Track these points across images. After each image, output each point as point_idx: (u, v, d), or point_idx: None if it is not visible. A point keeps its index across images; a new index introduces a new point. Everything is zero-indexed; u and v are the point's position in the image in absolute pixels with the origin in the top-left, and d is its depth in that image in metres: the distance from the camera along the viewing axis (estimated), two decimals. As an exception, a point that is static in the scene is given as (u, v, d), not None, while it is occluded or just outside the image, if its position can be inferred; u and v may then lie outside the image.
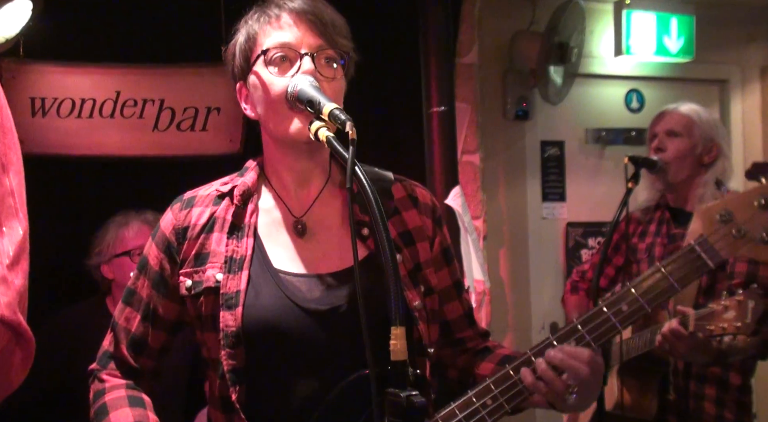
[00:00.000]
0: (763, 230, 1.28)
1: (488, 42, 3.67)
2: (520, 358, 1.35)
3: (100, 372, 1.46)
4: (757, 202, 1.28)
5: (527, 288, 3.81)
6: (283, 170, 1.41)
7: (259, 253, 1.36)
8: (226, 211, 1.39)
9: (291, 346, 1.30)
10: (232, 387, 1.29)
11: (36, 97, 3.06)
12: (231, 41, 1.43)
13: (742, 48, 4.22)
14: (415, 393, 0.99)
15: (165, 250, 1.41)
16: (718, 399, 2.46)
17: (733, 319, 2.02)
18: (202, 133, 3.19)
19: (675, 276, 1.29)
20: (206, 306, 1.34)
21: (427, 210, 1.47)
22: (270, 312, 1.30)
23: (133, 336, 1.44)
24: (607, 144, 3.98)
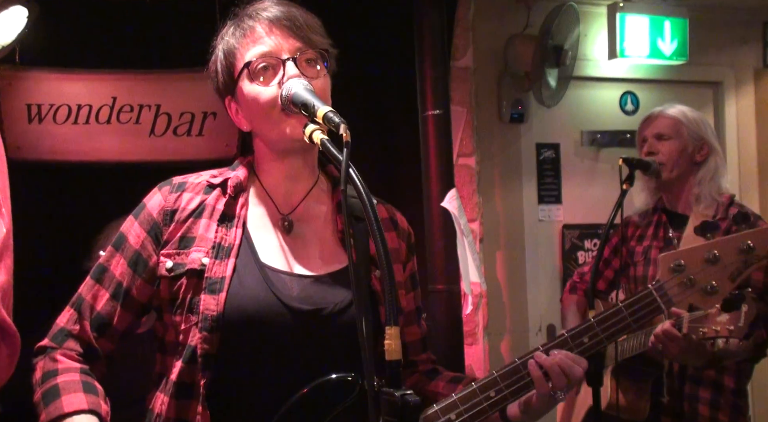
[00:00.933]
0: (707, 282, 1.42)
1: (483, 45, 3.69)
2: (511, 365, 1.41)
3: (53, 351, 1.39)
4: (706, 256, 1.43)
5: (524, 291, 3.82)
6: (274, 169, 1.43)
7: (247, 245, 1.37)
8: (217, 200, 1.41)
9: (268, 340, 1.30)
10: (201, 373, 1.29)
11: (32, 103, 3.07)
12: (211, 59, 1.44)
13: (735, 50, 4.24)
14: (409, 392, 1.01)
15: (150, 230, 1.39)
16: (712, 401, 2.47)
17: (726, 322, 2.03)
18: (198, 138, 3.20)
19: (633, 316, 1.42)
20: (186, 288, 1.33)
21: (404, 235, 1.53)
22: (253, 302, 1.31)
23: (99, 315, 1.39)
24: (602, 146, 4.00)
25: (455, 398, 1.36)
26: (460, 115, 3.51)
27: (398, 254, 1.49)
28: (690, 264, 1.43)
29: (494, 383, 1.37)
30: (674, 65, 4.02)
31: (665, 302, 1.41)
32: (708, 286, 1.42)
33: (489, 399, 1.36)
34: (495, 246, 3.76)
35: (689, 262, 1.43)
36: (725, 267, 1.42)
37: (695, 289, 1.42)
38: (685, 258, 1.43)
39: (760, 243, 1.42)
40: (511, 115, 3.78)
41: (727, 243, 1.44)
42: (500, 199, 3.79)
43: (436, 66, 3.12)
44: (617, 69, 4.01)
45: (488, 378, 1.38)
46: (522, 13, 3.73)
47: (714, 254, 1.42)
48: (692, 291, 1.43)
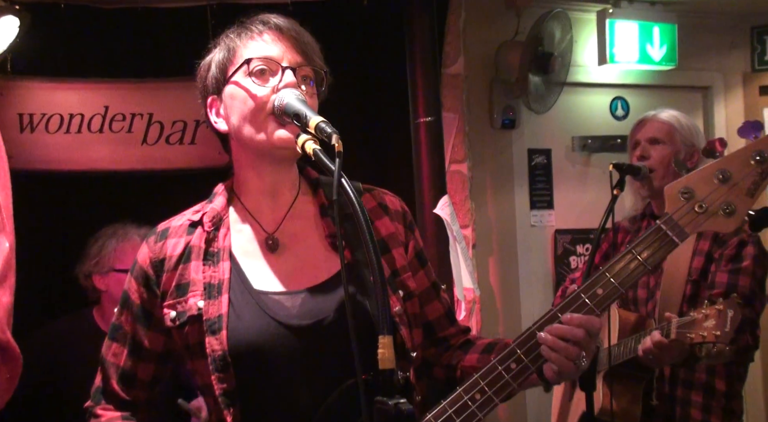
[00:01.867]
0: (723, 204, 1.30)
1: (474, 52, 3.71)
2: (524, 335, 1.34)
3: (94, 408, 1.47)
4: (716, 177, 1.31)
5: (517, 296, 3.83)
6: (254, 186, 1.42)
7: (237, 275, 1.37)
8: (200, 238, 1.41)
9: (279, 364, 1.31)
10: (226, 410, 1.30)
11: (24, 113, 3.07)
12: (206, 57, 1.45)
13: (723, 55, 4.28)
14: (402, 400, 1.01)
15: (144, 284, 1.42)
16: (704, 405, 2.48)
17: (712, 328, 2.04)
18: (190, 146, 3.21)
19: (645, 257, 1.31)
20: (192, 334, 1.35)
21: (398, 216, 1.49)
22: (253, 332, 1.31)
23: (123, 371, 1.45)
24: (593, 151, 4.02)
25: (476, 376, 1.32)
26: (452, 122, 3.52)
27: (396, 238, 1.46)
28: (699, 188, 1.31)
29: (512, 353, 1.31)
30: (664, 70, 4.05)
31: (677, 234, 1.30)
32: (725, 207, 1.29)
33: (510, 371, 1.31)
34: (488, 252, 3.77)
35: (698, 186, 1.31)
36: (739, 182, 1.30)
37: (709, 213, 1.30)
38: (692, 182, 1.31)
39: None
40: (503, 121, 3.79)
41: (737, 157, 1.31)
42: (492, 204, 3.81)
43: (427, 73, 3.13)
44: (607, 74, 4.03)
45: (507, 350, 1.33)
46: (512, 20, 3.75)
47: (724, 172, 1.29)
48: (706, 216, 1.30)
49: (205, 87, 1.43)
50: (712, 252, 2.45)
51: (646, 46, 3.95)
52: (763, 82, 4.29)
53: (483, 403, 1.30)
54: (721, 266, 2.41)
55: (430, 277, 1.53)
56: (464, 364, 1.47)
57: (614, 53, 3.90)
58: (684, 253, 2.48)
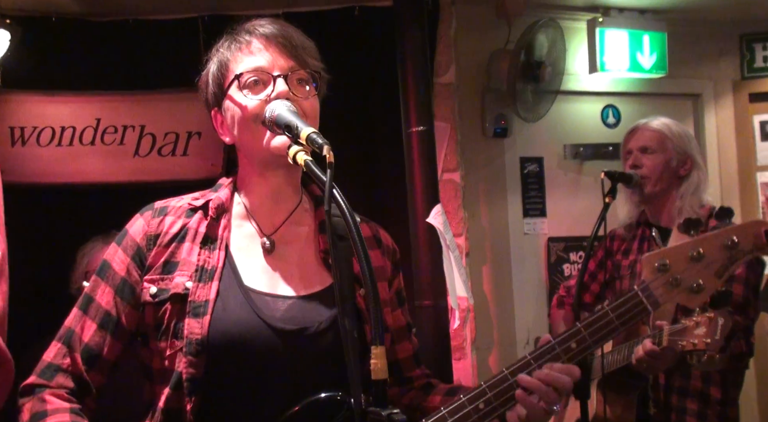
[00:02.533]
0: (693, 281, 1.38)
1: (465, 61, 3.72)
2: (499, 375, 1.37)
3: (42, 390, 1.35)
4: (690, 254, 1.39)
5: (511, 304, 3.83)
6: (257, 187, 1.44)
7: (230, 268, 1.37)
8: (199, 223, 1.41)
9: (254, 362, 1.30)
10: (187, 398, 1.28)
11: (15, 126, 3.07)
12: (204, 71, 1.46)
13: (713, 63, 4.30)
14: (396, 411, 1.01)
15: (134, 256, 1.39)
16: (700, 413, 2.48)
17: (703, 336, 2.05)
18: (183, 158, 3.20)
19: (621, 319, 1.38)
20: (170, 313, 1.33)
21: (389, 253, 1.53)
22: (237, 325, 1.31)
23: (88, 346, 1.36)
24: (585, 159, 4.03)
25: (444, 411, 1.33)
26: (444, 131, 3.53)
27: (383, 272, 1.49)
28: (674, 263, 1.40)
29: (483, 393, 1.34)
30: (654, 78, 4.08)
31: (651, 303, 1.38)
32: (694, 284, 1.38)
33: (478, 411, 1.33)
34: (481, 261, 3.77)
35: (674, 261, 1.40)
36: (710, 264, 1.39)
37: (681, 288, 1.39)
38: (669, 257, 1.40)
39: (743, 238, 1.39)
40: (495, 130, 3.80)
41: (711, 240, 1.40)
42: (485, 213, 3.81)
43: (419, 82, 3.13)
44: (598, 83, 4.05)
45: (477, 389, 1.35)
46: (504, 29, 3.77)
47: (698, 251, 1.39)
48: (678, 290, 1.38)
49: (207, 101, 1.45)
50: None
51: (637, 54, 3.97)
52: (753, 89, 4.32)
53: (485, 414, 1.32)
54: None
55: (405, 317, 1.55)
56: (428, 405, 1.48)
57: (605, 61, 3.92)
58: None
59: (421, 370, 1.58)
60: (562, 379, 1.32)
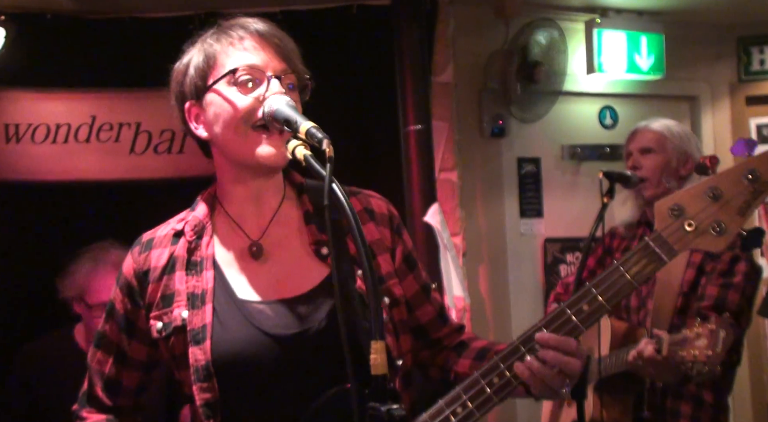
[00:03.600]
0: (714, 222, 1.27)
1: (463, 61, 3.71)
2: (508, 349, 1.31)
3: (79, 411, 1.49)
4: (707, 194, 1.28)
5: (507, 304, 3.83)
6: (238, 191, 1.40)
7: (221, 284, 1.35)
8: (184, 248, 1.39)
9: (263, 374, 1.29)
10: (206, 421, 1.29)
11: (10, 123, 3.05)
12: (181, 60, 1.41)
13: (710, 65, 4.31)
14: (395, 406, 1.00)
15: (128, 294, 1.41)
16: (693, 416, 2.48)
17: (704, 347, 2.03)
18: (179, 155, 3.19)
19: (632, 274, 1.27)
20: (177, 345, 1.34)
21: (384, 220, 1.46)
22: (238, 342, 1.30)
23: (107, 379, 1.46)
24: (583, 160, 4.03)
25: (459, 389, 1.29)
26: (442, 130, 3.53)
27: (382, 243, 1.43)
28: (690, 205, 1.27)
29: (496, 367, 1.28)
30: (651, 80, 4.08)
31: (666, 252, 1.26)
32: (716, 226, 1.26)
33: (492, 386, 1.27)
34: (478, 260, 3.77)
35: (689, 203, 1.27)
36: (730, 201, 1.26)
37: (699, 232, 1.26)
38: (683, 199, 1.27)
39: (765, 170, 1.26)
40: (492, 130, 3.80)
41: (729, 174, 1.28)
42: (482, 213, 3.80)
43: (417, 81, 3.13)
44: (595, 84, 4.05)
45: (490, 363, 1.29)
46: (502, 29, 3.77)
47: (715, 189, 1.26)
48: (695, 234, 1.26)
49: (183, 92, 1.40)
50: (704, 266, 2.45)
51: (634, 55, 3.97)
52: (750, 92, 4.33)
53: (464, 418, 1.28)
54: (712, 279, 2.41)
55: (419, 280, 1.49)
56: (458, 369, 1.44)
57: (602, 62, 3.91)
58: (677, 265, 2.47)
59: (449, 327, 1.52)
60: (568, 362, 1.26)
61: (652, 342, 2.20)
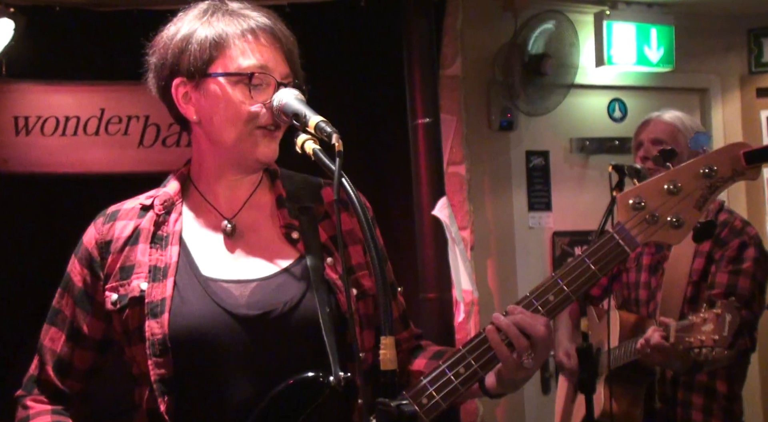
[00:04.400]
0: (672, 216, 1.31)
1: (472, 54, 3.70)
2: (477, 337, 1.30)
3: (24, 398, 1.40)
4: (666, 187, 1.31)
5: (515, 298, 3.73)
6: (214, 175, 1.38)
7: (186, 261, 1.33)
8: (150, 222, 1.36)
9: (221, 353, 1.27)
10: (161, 398, 1.26)
11: (19, 115, 3.06)
12: (177, 25, 1.36)
13: (721, 57, 4.28)
14: (405, 402, 0.99)
15: (88, 266, 1.37)
16: (705, 407, 2.47)
17: (710, 332, 2.03)
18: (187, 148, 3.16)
19: (598, 265, 1.30)
20: (132, 318, 1.29)
21: None
22: (197, 318, 1.27)
23: (59, 357, 1.38)
24: (591, 153, 4.02)
25: (424, 381, 1.28)
26: (450, 124, 3.52)
27: (353, 234, 1.41)
28: (650, 198, 1.31)
29: (462, 358, 1.27)
30: (661, 72, 4.05)
31: (628, 243, 1.30)
32: (673, 219, 1.30)
33: (459, 376, 1.26)
34: (486, 254, 3.76)
35: (648, 197, 1.31)
36: (688, 196, 1.31)
37: (659, 225, 1.30)
38: (643, 193, 1.31)
39: (721, 164, 1.30)
40: (501, 123, 3.79)
41: (687, 169, 1.32)
42: (490, 206, 3.80)
43: (425, 75, 3.12)
44: (605, 76, 4.03)
45: (456, 355, 1.29)
46: (510, 22, 3.75)
47: (674, 184, 1.31)
48: (656, 227, 1.31)
49: (176, 65, 1.33)
50: (713, 254, 2.45)
51: (644, 47, 3.95)
52: (760, 84, 4.30)
53: (430, 408, 1.26)
54: (722, 267, 2.40)
55: (387, 278, 1.46)
56: (412, 369, 1.43)
57: (612, 55, 3.89)
58: (685, 255, 2.47)
59: (409, 332, 1.50)
60: (535, 325, 1.24)
61: (659, 330, 2.20)
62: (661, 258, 2.56)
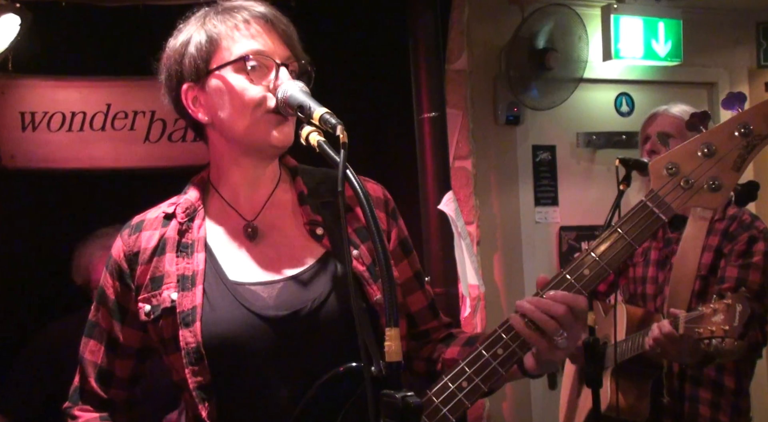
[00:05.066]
0: (709, 179, 1.27)
1: (478, 48, 3.69)
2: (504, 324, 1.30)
3: (71, 409, 1.44)
4: (701, 151, 1.28)
5: (522, 293, 3.81)
6: (235, 176, 1.39)
7: (212, 266, 1.34)
8: (174, 230, 1.37)
9: (254, 356, 1.28)
10: (201, 404, 1.28)
11: (26, 111, 3.06)
12: (177, 37, 1.38)
13: (729, 51, 4.25)
14: (410, 393, 0.99)
15: (119, 278, 1.39)
16: (713, 402, 2.46)
17: (721, 322, 2.02)
18: (193, 144, 3.18)
19: (631, 235, 1.26)
20: (166, 328, 1.32)
21: (380, 203, 1.45)
22: (228, 324, 1.28)
23: (100, 368, 1.42)
24: (598, 148, 4.00)
25: (462, 364, 1.27)
26: (456, 118, 3.51)
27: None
28: (684, 163, 1.27)
29: (499, 339, 1.27)
30: (669, 66, 4.03)
31: (664, 211, 1.26)
32: (711, 182, 1.26)
33: (497, 357, 1.26)
34: (492, 249, 3.75)
35: (683, 161, 1.27)
36: (725, 157, 1.27)
37: (695, 189, 1.26)
38: (677, 157, 1.28)
39: (757, 121, 1.26)
40: (507, 118, 3.78)
41: (721, 130, 1.28)
42: (497, 201, 3.79)
43: (431, 69, 3.12)
44: (612, 70, 4.01)
45: (493, 336, 1.28)
46: (516, 15, 3.73)
47: (709, 146, 1.27)
48: (692, 192, 1.26)
49: (180, 72, 1.35)
50: (722, 248, 2.44)
51: (651, 41, 3.93)
52: (769, 78, 4.28)
53: (470, 391, 1.26)
54: (731, 261, 2.39)
55: (413, 267, 1.48)
56: (446, 357, 1.42)
57: (619, 49, 3.88)
58: (693, 249, 2.46)
59: (439, 321, 1.50)
60: (555, 306, 1.23)
61: (668, 321, 2.19)
62: (669, 253, 2.55)
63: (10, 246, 3.02)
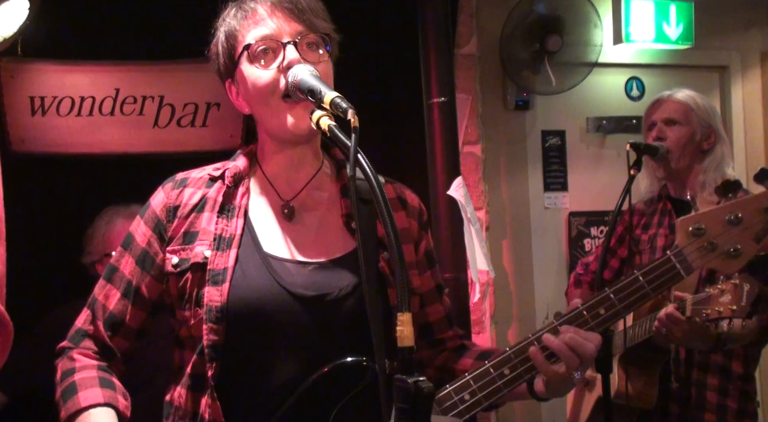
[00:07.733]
0: (730, 245, 1.36)
1: (487, 33, 3.67)
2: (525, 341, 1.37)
3: (71, 350, 1.44)
4: (727, 218, 1.36)
5: (531, 278, 3.81)
6: (276, 157, 1.43)
7: (249, 235, 1.37)
8: (218, 192, 1.41)
9: (273, 328, 1.30)
10: (209, 363, 1.29)
11: (35, 96, 3.06)
12: (213, 41, 1.44)
13: (741, 34, 4.21)
14: (422, 378, 0.99)
15: (154, 228, 1.41)
16: (720, 387, 2.46)
17: (728, 302, 2.02)
18: (202, 128, 3.19)
19: (652, 284, 1.36)
20: (192, 282, 1.34)
21: (415, 213, 1.50)
22: (256, 292, 1.31)
23: (111, 314, 1.42)
24: (608, 132, 3.98)
25: (468, 377, 1.33)
26: (465, 103, 3.49)
27: (409, 233, 1.47)
28: (710, 226, 1.36)
29: (508, 360, 1.34)
30: (680, 50, 3.99)
31: (684, 268, 1.35)
32: (731, 249, 1.35)
33: (503, 377, 1.33)
34: (501, 234, 3.75)
35: (710, 225, 1.36)
36: (749, 228, 1.35)
37: (717, 253, 1.36)
38: (704, 221, 1.36)
39: None
40: (516, 102, 3.76)
41: (750, 202, 1.36)
42: (506, 186, 3.78)
43: (440, 53, 3.10)
44: (622, 54, 3.98)
45: (502, 355, 1.35)
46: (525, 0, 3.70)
47: (736, 215, 1.35)
48: (713, 255, 1.36)
49: (220, 72, 1.44)
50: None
51: (663, 24, 3.89)
52: (782, 61, 4.23)
53: (471, 405, 1.32)
54: None
55: (436, 279, 1.54)
56: (458, 368, 1.47)
57: (630, 32, 3.84)
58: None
59: (454, 332, 1.56)
60: (585, 345, 1.30)
61: (674, 304, 2.19)
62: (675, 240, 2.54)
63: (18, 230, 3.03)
